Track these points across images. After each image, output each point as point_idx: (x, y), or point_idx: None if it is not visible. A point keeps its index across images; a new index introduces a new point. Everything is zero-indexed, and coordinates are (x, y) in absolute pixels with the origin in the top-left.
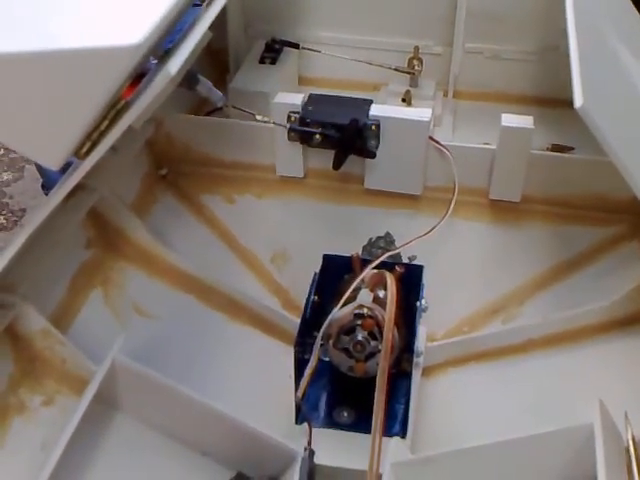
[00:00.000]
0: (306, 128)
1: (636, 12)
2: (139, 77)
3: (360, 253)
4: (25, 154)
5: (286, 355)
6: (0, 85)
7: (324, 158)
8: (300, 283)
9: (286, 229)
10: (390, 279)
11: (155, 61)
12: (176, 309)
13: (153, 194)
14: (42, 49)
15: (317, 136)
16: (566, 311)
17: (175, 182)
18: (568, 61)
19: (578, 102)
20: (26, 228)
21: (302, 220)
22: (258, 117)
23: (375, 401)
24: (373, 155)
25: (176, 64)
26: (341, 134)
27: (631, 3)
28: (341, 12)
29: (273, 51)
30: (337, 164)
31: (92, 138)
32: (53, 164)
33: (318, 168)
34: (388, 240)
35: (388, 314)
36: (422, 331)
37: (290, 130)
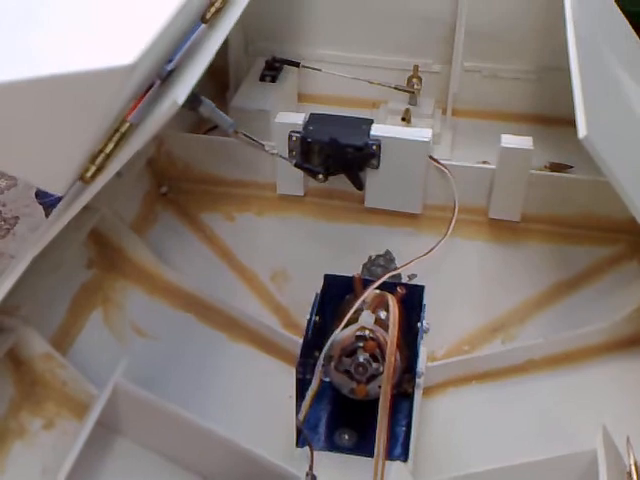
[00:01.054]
0: (310, 166)
1: (637, 37)
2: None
3: (360, 271)
4: (29, 182)
5: (286, 374)
6: None
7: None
8: (300, 301)
9: (286, 247)
10: (392, 302)
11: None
12: (176, 329)
13: (154, 212)
14: (34, 76)
15: (321, 176)
16: (567, 331)
17: (175, 200)
18: (565, 80)
19: (582, 133)
20: (29, 252)
21: (302, 238)
22: (267, 148)
23: (378, 426)
24: (376, 165)
25: (183, 94)
26: (340, 155)
27: (631, 28)
28: (341, 31)
29: (273, 69)
30: (358, 185)
31: (97, 162)
32: (58, 190)
33: (318, 187)
34: (388, 258)
35: (391, 338)
36: (422, 351)
37: (295, 166)
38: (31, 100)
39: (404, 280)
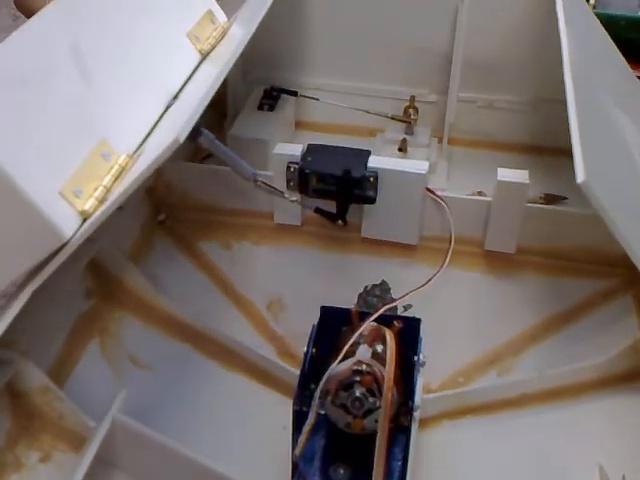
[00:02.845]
0: (328, 211)
1: (631, 71)
2: None
3: (356, 301)
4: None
5: (281, 405)
6: None
7: (322, 207)
8: (296, 331)
9: (283, 276)
10: (389, 336)
11: None
12: (173, 359)
13: (151, 241)
14: None
15: (340, 221)
16: (561, 365)
17: (173, 228)
18: (560, 112)
19: (580, 178)
20: (28, 286)
21: (299, 267)
22: (286, 195)
23: (374, 463)
24: (373, 200)
25: (185, 131)
26: (338, 187)
27: (625, 61)
28: (339, 60)
29: (271, 98)
30: (341, 216)
31: (96, 195)
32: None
33: (316, 216)
34: (384, 288)
35: (387, 374)
36: (419, 383)
37: (316, 210)
38: None
39: (400, 311)
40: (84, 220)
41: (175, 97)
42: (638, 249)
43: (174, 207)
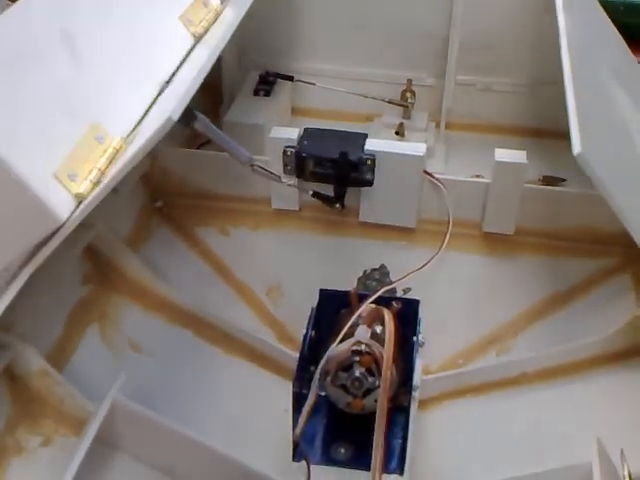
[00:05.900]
0: (324, 193)
1: (629, 51)
2: None
3: (355, 285)
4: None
5: (281, 388)
6: None
7: (319, 191)
8: (295, 315)
9: (281, 261)
10: (388, 316)
11: None
12: (172, 344)
13: (148, 227)
14: None
15: (337, 205)
16: (561, 344)
17: (170, 215)
18: (559, 94)
19: (576, 149)
20: (24, 270)
21: (297, 252)
22: (284, 180)
23: (374, 440)
24: (370, 183)
25: (178, 110)
26: (335, 170)
27: (624, 41)
28: (335, 45)
29: (267, 83)
30: (338, 199)
31: (91, 178)
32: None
33: (313, 201)
34: (383, 272)
35: (386, 352)
36: (418, 364)
37: (314, 195)
38: None
39: (399, 294)
40: (79, 203)
41: (169, 80)
42: (634, 220)
43: (170, 194)
